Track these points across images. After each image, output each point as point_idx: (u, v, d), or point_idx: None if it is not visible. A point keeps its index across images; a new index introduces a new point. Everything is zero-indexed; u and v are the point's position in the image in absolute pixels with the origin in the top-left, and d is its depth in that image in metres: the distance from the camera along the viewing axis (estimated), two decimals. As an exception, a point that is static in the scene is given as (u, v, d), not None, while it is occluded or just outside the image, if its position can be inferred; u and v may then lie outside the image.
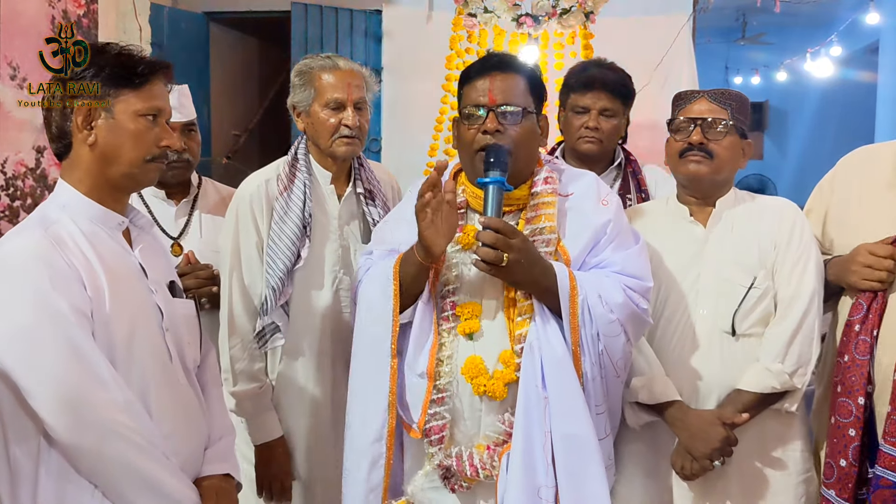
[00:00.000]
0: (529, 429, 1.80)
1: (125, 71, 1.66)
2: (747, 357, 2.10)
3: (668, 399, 2.08)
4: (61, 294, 1.55)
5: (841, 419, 2.06)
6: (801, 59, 8.19)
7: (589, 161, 2.53)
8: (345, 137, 2.28)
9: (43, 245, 1.58)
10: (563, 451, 1.79)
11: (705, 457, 2.04)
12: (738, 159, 2.19)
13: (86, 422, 1.54)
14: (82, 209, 1.67)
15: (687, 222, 2.20)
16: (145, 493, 1.60)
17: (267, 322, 2.27)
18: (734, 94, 2.18)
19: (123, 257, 1.70)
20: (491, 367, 1.87)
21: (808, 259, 2.12)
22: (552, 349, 1.82)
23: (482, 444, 1.89)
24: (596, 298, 1.86)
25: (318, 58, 2.36)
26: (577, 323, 1.84)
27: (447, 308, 1.93)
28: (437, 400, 1.89)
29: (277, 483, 2.33)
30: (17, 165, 3.60)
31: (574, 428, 1.80)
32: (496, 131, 1.89)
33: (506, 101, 1.91)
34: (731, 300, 2.11)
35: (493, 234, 1.79)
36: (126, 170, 1.68)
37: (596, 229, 1.95)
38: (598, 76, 2.54)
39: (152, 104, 1.68)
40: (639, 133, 3.50)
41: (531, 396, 1.80)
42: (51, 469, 1.58)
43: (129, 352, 1.63)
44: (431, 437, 1.91)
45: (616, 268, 1.93)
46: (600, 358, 1.87)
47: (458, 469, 1.89)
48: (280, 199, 2.28)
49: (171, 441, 1.66)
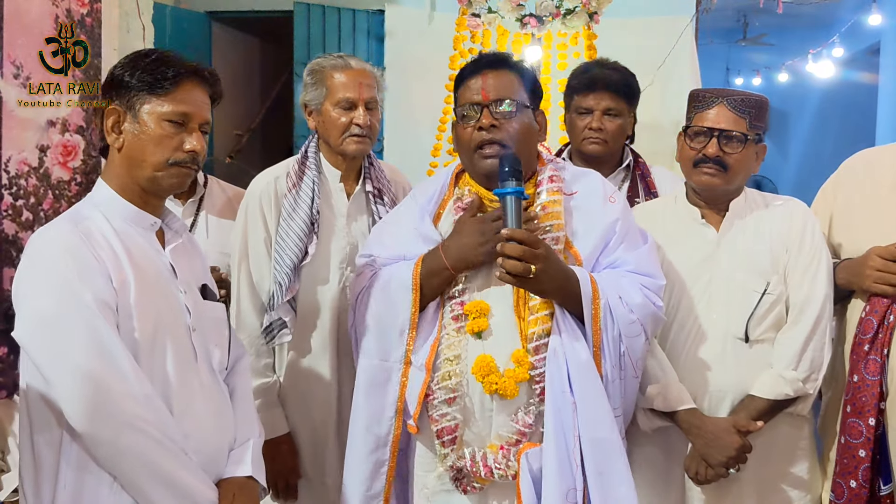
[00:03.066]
0: (560, 434, 1.79)
1: (152, 76, 1.69)
2: (760, 362, 2.10)
3: (683, 406, 2.07)
4: (86, 285, 1.58)
5: (851, 440, 2.06)
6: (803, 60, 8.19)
7: (595, 162, 2.52)
8: (355, 136, 2.30)
9: (71, 238, 1.62)
10: (591, 454, 1.79)
11: (721, 465, 2.03)
12: (753, 165, 2.17)
13: (104, 413, 1.55)
14: (116, 208, 1.71)
15: (698, 224, 2.18)
16: (161, 488, 1.61)
17: (274, 318, 2.28)
18: (754, 99, 2.13)
19: (153, 256, 1.73)
20: (502, 366, 1.86)
21: (820, 262, 2.11)
22: (576, 354, 1.81)
23: (495, 444, 1.88)
24: (616, 300, 1.85)
25: (331, 57, 2.38)
26: (600, 326, 1.84)
27: (455, 307, 1.92)
28: (449, 400, 1.88)
29: (283, 480, 2.34)
30: (21, 164, 3.59)
31: (601, 432, 1.80)
32: (491, 126, 1.89)
33: (499, 97, 1.91)
34: (744, 306, 2.10)
35: (519, 246, 1.77)
36: (149, 173, 1.70)
37: (605, 228, 1.94)
38: (600, 76, 2.53)
39: (178, 109, 1.69)
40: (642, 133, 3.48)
41: (559, 401, 1.80)
42: (71, 460, 1.61)
43: (152, 348, 1.65)
44: (444, 438, 1.89)
45: (630, 267, 1.92)
46: (621, 359, 1.87)
47: (472, 470, 1.88)
48: (289, 196, 2.30)
49: (191, 439, 1.67)
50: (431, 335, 1.91)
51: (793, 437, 2.16)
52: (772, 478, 2.14)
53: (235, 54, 5.86)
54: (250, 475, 1.78)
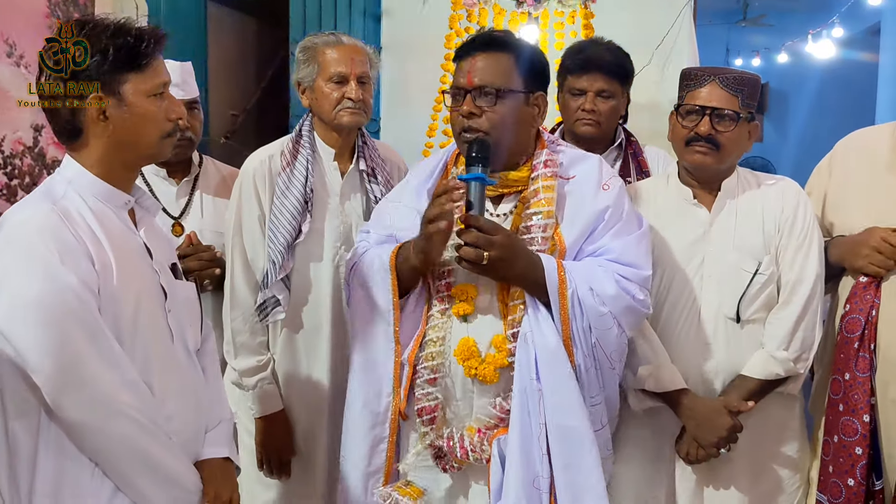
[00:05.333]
0: (525, 420, 1.80)
1: (128, 54, 1.62)
2: (751, 342, 2.10)
3: (675, 387, 2.07)
4: (70, 268, 1.53)
5: (846, 438, 2.06)
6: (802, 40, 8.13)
7: (588, 143, 2.49)
8: (349, 108, 2.30)
9: (52, 218, 1.56)
10: (557, 442, 1.78)
11: (712, 445, 2.04)
12: (745, 144, 2.15)
13: (89, 399, 1.53)
14: (89, 186, 1.65)
15: (690, 205, 2.18)
16: (146, 474, 1.60)
17: (268, 295, 2.29)
18: (746, 78, 2.12)
19: (129, 236, 1.69)
20: (484, 351, 1.87)
21: (812, 242, 2.11)
22: (545, 341, 1.80)
23: (473, 426, 1.89)
24: (587, 291, 1.82)
25: (323, 34, 2.39)
26: (568, 316, 1.81)
27: (442, 289, 1.92)
28: (430, 380, 1.90)
29: (276, 457, 2.36)
30: (16, 144, 3.58)
31: (568, 420, 1.79)
32: (471, 114, 1.87)
33: (482, 83, 1.87)
34: (735, 286, 2.09)
35: (473, 232, 1.77)
36: (144, 151, 1.68)
37: (593, 215, 1.91)
38: (594, 57, 2.50)
39: (157, 81, 1.66)
40: (639, 114, 3.47)
41: (526, 388, 1.80)
42: (50, 446, 1.57)
43: (133, 330, 1.62)
44: (423, 417, 1.91)
45: (612, 255, 1.88)
46: (593, 350, 1.85)
47: (449, 450, 1.89)
48: (283, 175, 2.30)
49: (173, 422, 1.66)
50: (416, 329, 1.91)
51: (784, 417, 2.17)
52: (763, 457, 2.15)
53: (231, 34, 5.82)
54: (227, 456, 1.78)
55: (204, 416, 1.78)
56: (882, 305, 2.08)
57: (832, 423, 2.10)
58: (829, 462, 2.09)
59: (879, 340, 2.06)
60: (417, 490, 1.93)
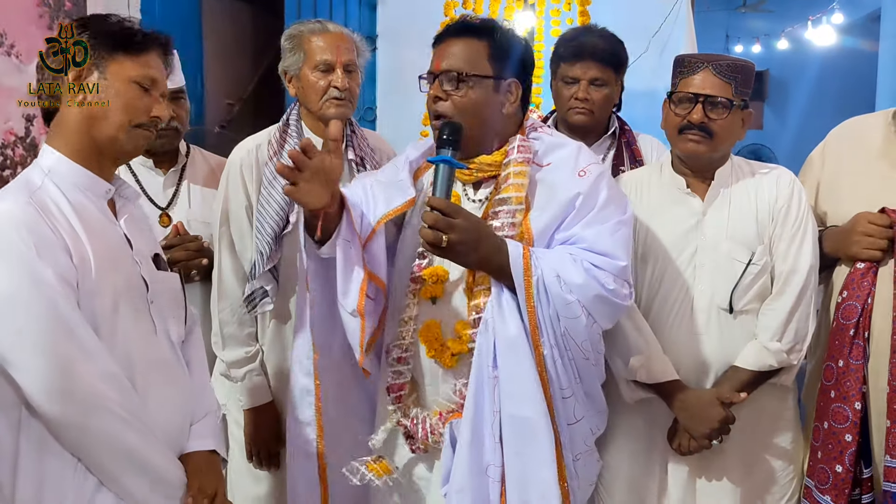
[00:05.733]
0: (479, 406, 1.78)
1: (122, 36, 1.65)
2: (744, 333, 2.08)
3: (666, 379, 2.06)
4: (46, 262, 1.52)
5: (836, 425, 2.04)
6: (803, 27, 8.09)
7: (581, 132, 2.47)
8: (335, 99, 2.28)
9: (28, 212, 1.55)
10: (509, 432, 1.77)
11: (704, 436, 2.03)
12: (739, 132, 2.13)
13: (70, 393, 1.51)
14: (67, 175, 1.64)
15: (684, 194, 2.15)
16: (129, 468, 1.58)
17: (256, 286, 2.28)
18: (739, 64, 2.09)
19: (108, 227, 1.67)
20: (448, 335, 1.88)
21: (806, 232, 2.09)
22: (506, 328, 1.78)
23: (436, 409, 1.90)
24: (553, 278, 1.77)
25: (309, 22, 2.36)
26: (533, 303, 1.77)
27: (415, 270, 1.93)
28: (399, 359, 1.92)
29: (265, 448, 2.35)
30: (7, 134, 3.56)
31: (522, 410, 1.76)
32: (437, 98, 1.87)
33: (448, 67, 1.86)
34: (728, 277, 2.07)
35: (433, 214, 1.74)
36: (112, 132, 1.65)
37: (564, 203, 1.86)
38: (587, 45, 2.46)
39: (147, 73, 1.66)
40: (636, 102, 3.44)
41: (483, 375, 1.79)
42: (31, 441, 1.56)
43: (113, 324, 1.61)
44: (390, 396, 1.93)
45: (585, 244, 1.82)
46: (563, 340, 1.80)
47: (413, 432, 1.91)
48: (270, 164, 2.29)
49: (155, 415, 1.64)
50: (356, 278, 1.84)
51: (777, 409, 2.15)
52: (756, 449, 2.14)
53: (226, 23, 5.79)
54: (213, 449, 1.77)
55: (188, 409, 1.77)
56: (876, 293, 2.06)
57: (823, 410, 2.09)
58: (819, 448, 2.08)
59: (873, 328, 2.05)
60: (386, 467, 1.93)
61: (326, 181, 1.74)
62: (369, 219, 1.91)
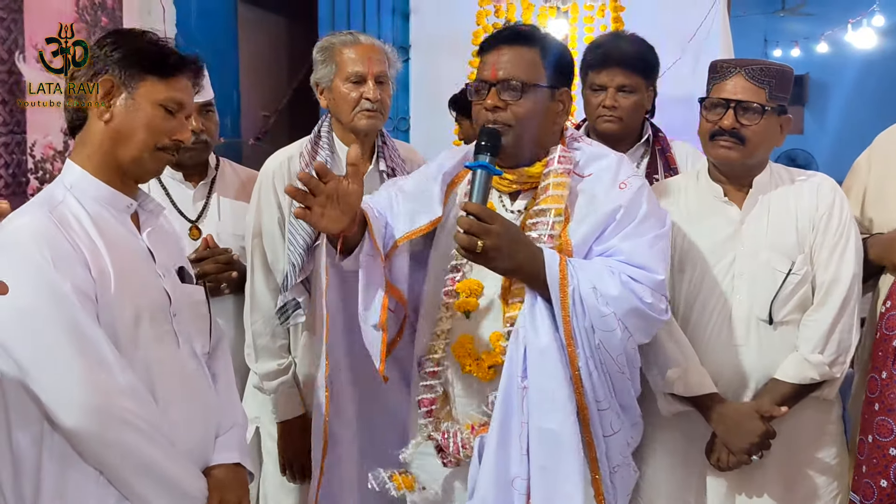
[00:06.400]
0: (507, 418, 1.76)
1: (156, 58, 1.66)
2: (785, 345, 2.03)
3: (704, 392, 2.01)
4: (64, 275, 1.53)
5: (881, 438, 1.99)
6: (843, 29, 7.99)
7: (611, 140, 2.41)
8: (366, 111, 2.27)
9: (47, 225, 1.56)
10: (537, 444, 1.74)
11: (743, 451, 1.98)
12: (775, 138, 2.07)
13: (88, 407, 1.51)
14: (89, 190, 1.65)
15: (721, 202, 2.11)
16: (149, 481, 1.58)
17: (288, 298, 2.27)
18: (774, 69, 2.03)
19: (130, 241, 1.68)
20: (483, 348, 1.85)
21: (848, 240, 2.03)
22: (537, 338, 1.75)
23: (468, 423, 1.88)
24: (589, 290, 1.74)
25: (340, 34, 2.36)
26: (568, 314, 1.74)
27: (448, 283, 1.90)
28: (431, 373, 1.90)
29: (298, 461, 2.34)
30: (46, 148, 3.62)
31: (551, 422, 1.73)
32: (495, 108, 1.83)
33: (507, 77, 1.83)
34: (768, 287, 2.02)
35: (469, 219, 1.72)
36: (136, 153, 1.66)
37: (604, 215, 1.84)
38: (613, 52, 2.42)
39: (175, 96, 1.66)
40: (672, 108, 3.39)
41: (511, 385, 1.76)
42: (53, 455, 1.56)
43: (134, 336, 1.61)
44: (422, 410, 1.91)
45: (622, 257, 1.80)
46: (598, 352, 1.77)
47: (444, 445, 1.89)
48: None
49: (177, 428, 1.64)
50: (377, 294, 1.82)
51: (819, 422, 2.09)
52: (797, 464, 2.08)
53: (262, 35, 5.85)
54: (238, 462, 1.76)
55: (212, 422, 1.76)
56: None
57: (867, 423, 2.04)
58: (863, 462, 2.03)
59: None
60: (410, 481, 1.92)
61: (344, 207, 1.71)
62: (392, 232, 1.89)
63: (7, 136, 3.39)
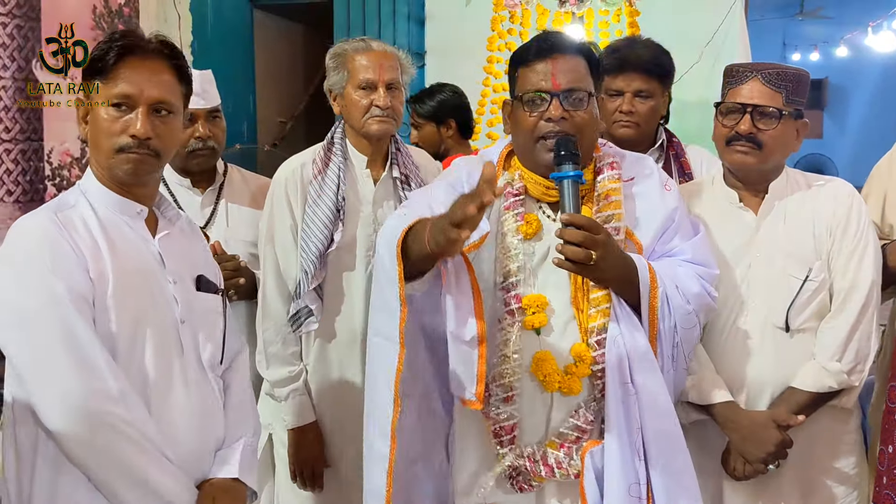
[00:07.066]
0: (622, 427, 1.73)
1: (96, 61, 1.62)
2: (802, 353, 2.00)
3: (719, 400, 1.99)
4: (60, 277, 1.53)
5: None
6: (862, 33, 7.91)
7: (627, 145, 2.39)
8: (377, 117, 2.27)
9: (49, 227, 1.57)
10: (655, 446, 1.73)
11: (759, 460, 1.95)
12: (792, 143, 2.05)
13: (73, 409, 1.50)
14: (100, 196, 1.66)
15: (736, 208, 2.08)
16: (133, 488, 1.55)
17: (300, 305, 2.26)
18: (790, 73, 2.01)
19: (139, 246, 1.67)
20: (562, 363, 1.79)
21: (867, 246, 2.00)
22: (636, 343, 1.74)
23: (555, 441, 1.81)
24: (674, 290, 1.79)
25: (353, 41, 2.37)
26: (657, 316, 1.77)
27: (511, 301, 1.82)
28: (507, 399, 1.80)
29: (309, 469, 2.33)
30: (63, 155, 3.64)
31: (664, 423, 1.75)
32: (561, 118, 1.78)
33: (570, 86, 1.80)
34: (784, 294, 2.00)
35: (578, 231, 1.68)
36: (103, 161, 1.65)
37: (665, 217, 1.87)
38: (630, 57, 2.40)
39: (117, 91, 1.60)
40: (689, 113, 3.37)
41: (619, 392, 1.73)
42: (47, 458, 1.57)
43: (131, 341, 1.60)
44: (503, 438, 1.81)
45: (686, 256, 1.85)
46: (674, 351, 1.81)
47: (532, 469, 1.81)
48: (314, 183, 2.28)
49: (170, 437, 1.61)
50: (467, 304, 1.74)
51: (837, 431, 2.06)
52: (815, 474, 2.05)
53: (278, 42, 5.87)
54: (236, 477, 1.70)
55: (214, 434, 1.72)
56: None
57: (888, 433, 2.00)
58: (884, 473, 1.99)
59: None
60: None
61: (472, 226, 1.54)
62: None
63: (24, 143, 3.42)
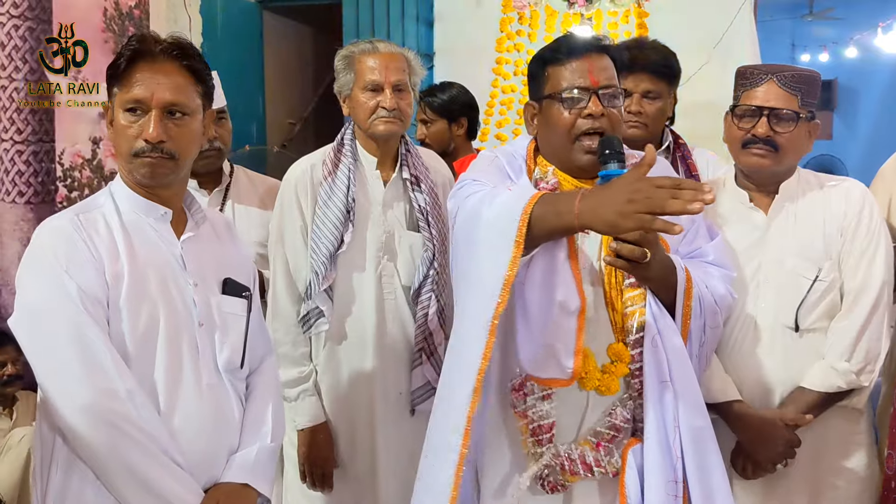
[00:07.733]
0: (661, 425, 1.73)
1: (112, 67, 1.65)
2: (811, 353, 2.00)
3: (728, 399, 1.99)
4: (73, 277, 1.56)
5: None
6: (872, 33, 7.87)
7: (634, 146, 2.40)
8: (383, 118, 2.28)
9: (67, 228, 1.61)
10: (691, 444, 1.73)
11: (768, 460, 1.96)
12: (806, 145, 2.05)
13: (79, 406, 1.52)
14: (126, 198, 1.69)
15: (746, 208, 2.09)
16: (136, 489, 1.55)
17: (311, 307, 2.27)
18: (805, 75, 2.01)
19: (159, 248, 1.68)
20: (599, 362, 1.78)
21: (878, 246, 2.00)
22: (672, 341, 1.75)
23: (590, 440, 1.80)
24: (704, 289, 1.80)
25: (361, 42, 2.37)
26: (689, 314, 1.78)
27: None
28: (546, 396, 1.79)
29: (318, 469, 2.33)
30: (74, 157, 3.66)
31: (699, 420, 1.75)
32: (601, 115, 1.79)
33: (608, 83, 1.81)
34: (794, 293, 2.00)
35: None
36: (124, 164, 1.68)
37: (687, 218, 1.79)
38: (638, 57, 2.40)
39: (129, 96, 1.62)
40: (698, 114, 3.36)
41: (658, 392, 1.74)
42: (61, 455, 1.60)
43: (144, 343, 1.61)
44: (540, 437, 1.79)
45: (710, 258, 1.88)
46: (700, 350, 1.83)
47: (569, 468, 1.79)
48: (324, 184, 2.29)
49: (180, 439, 1.61)
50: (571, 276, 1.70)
51: (847, 431, 2.06)
52: (824, 474, 2.05)
53: (287, 44, 5.88)
54: (246, 483, 1.68)
55: (228, 438, 1.71)
56: None
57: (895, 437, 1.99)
58: (892, 477, 1.99)
59: None
60: None
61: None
62: None
63: (36, 144, 3.44)
